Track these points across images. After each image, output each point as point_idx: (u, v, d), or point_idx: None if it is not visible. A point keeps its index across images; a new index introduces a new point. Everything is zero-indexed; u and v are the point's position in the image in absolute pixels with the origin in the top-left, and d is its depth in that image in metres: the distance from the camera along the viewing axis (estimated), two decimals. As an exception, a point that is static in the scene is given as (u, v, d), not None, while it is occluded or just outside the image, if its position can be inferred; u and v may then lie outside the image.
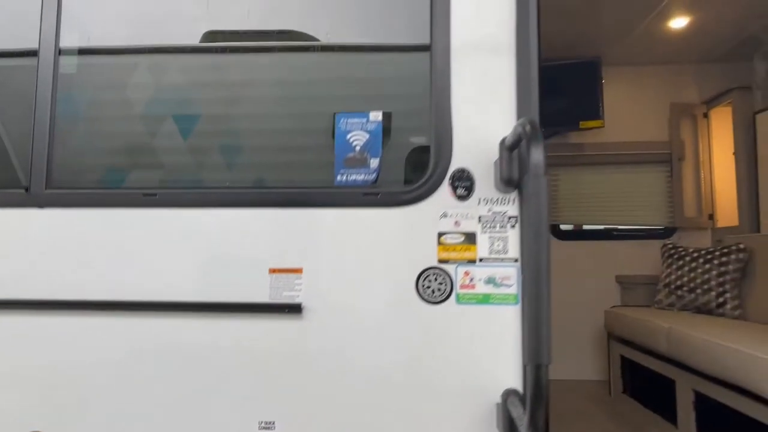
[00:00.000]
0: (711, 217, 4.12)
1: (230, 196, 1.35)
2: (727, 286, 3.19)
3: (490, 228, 1.29)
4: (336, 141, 1.34)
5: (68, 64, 1.50)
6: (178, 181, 1.53)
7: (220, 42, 1.61)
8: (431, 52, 1.38)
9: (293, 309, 1.28)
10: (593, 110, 4.06)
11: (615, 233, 4.25)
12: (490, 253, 1.29)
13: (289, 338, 1.29)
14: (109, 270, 1.36)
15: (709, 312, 3.26)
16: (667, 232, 4.20)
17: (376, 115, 1.35)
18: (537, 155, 1.04)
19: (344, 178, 1.34)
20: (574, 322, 4.17)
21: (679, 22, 3.56)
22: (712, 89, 4.25)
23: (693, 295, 3.30)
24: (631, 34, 3.74)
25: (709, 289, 3.23)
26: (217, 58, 1.63)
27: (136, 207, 1.35)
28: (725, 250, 3.29)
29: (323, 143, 1.41)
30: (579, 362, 4.14)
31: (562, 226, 4.31)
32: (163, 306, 1.32)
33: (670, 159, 4.15)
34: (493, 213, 1.30)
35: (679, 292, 3.37)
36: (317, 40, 1.78)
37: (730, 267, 3.21)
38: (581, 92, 4.10)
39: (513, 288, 1.28)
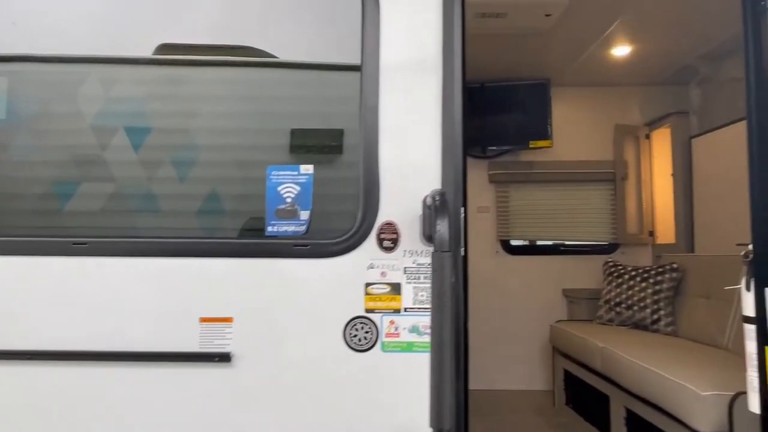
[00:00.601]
0: (651, 233, 4.34)
1: (161, 246, 1.38)
2: (661, 304, 3.38)
3: (414, 279, 1.36)
4: (267, 193, 1.37)
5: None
6: (107, 229, 1.54)
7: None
8: (362, 71, 1.42)
9: (223, 358, 1.32)
10: (542, 130, 4.21)
11: (562, 248, 4.42)
12: (414, 302, 1.35)
13: (219, 387, 1.33)
14: (35, 319, 1.36)
15: (645, 328, 3.44)
16: (611, 248, 4.39)
17: (307, 168, 1.39)
18: (442, 231, 1.09)
19: (275, 229, 1.38)
20: (524, 334, 4.32)
21: (621, 50, 3.73)
22: (654, 112, 4.47)
23: (630, 312, 3.48)
24: (579, 58, 3.90)
25: (645, 306, 3.41)
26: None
27: (63, 255, 1.35)
28: (660, 269, 3.48)
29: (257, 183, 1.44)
30: (528, 373, 4.29)
31: (513, 242, 4.45)
32: (90, 355, 1.33)
33: (614, 178, 4.34)
34: (418, 264, 1.36)
35: (618, 309, 3.54)
36: (274, 56, 1.81)
37: (664, 285, 3.40)
38: (531, 112, 4.24)
39: (435, 336, 1.35)
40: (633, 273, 3.58)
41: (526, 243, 4.49)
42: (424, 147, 1.44)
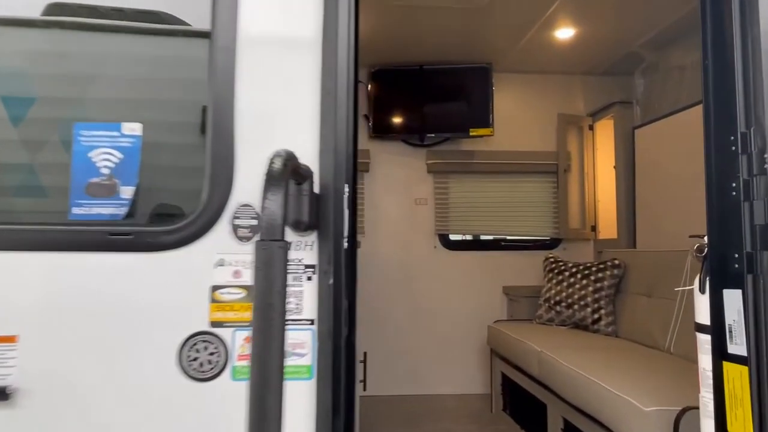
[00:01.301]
0: (593, 228, 4.16)
1: None
2: (602, 303, 3.17)
3: (279, 280, 1.00)
4: (73, 160, 0.98)
5: None
6: None
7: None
8: (212, 42, 1.07)
9: (-2, 395, 0.92)
10: (483, 117, 3.94)
11: (503, 243, 4.18)
12: (279, 313, 1.00)
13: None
14: None
15: (585, 328, 3.23)
16: (553, 243, 4.19)
17: (133, 128, 1.01)
18: (272, 210, 0.73)
19: (84, 211, 0.98)
20: (463, 334, 4.05)
21: (564, 33, 3.50)
22: (598, 102, 4.29)
23: (570, 311, 3.26)
24: (521, 41, 3.65)
25: (586, 305, 3.20)
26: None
27: None
28: (601, 266, 3.28)
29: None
30: (465, 376, 4.03)
31: (452, 236, 4.17)
32: None
33: (556, 170, 4.13)
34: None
35: (558, 308, 3.32)
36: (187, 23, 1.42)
37: (605, 283, 3.19)
38: (472, 98, 3.97)
39: (307, 358, 1.00)
40: (574, 270, 3.36)
41: (465, 238, 4.22)
42: (297, 119, 1.10)
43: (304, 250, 1.01)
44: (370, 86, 3.96)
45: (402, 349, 3.99)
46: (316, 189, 1.01)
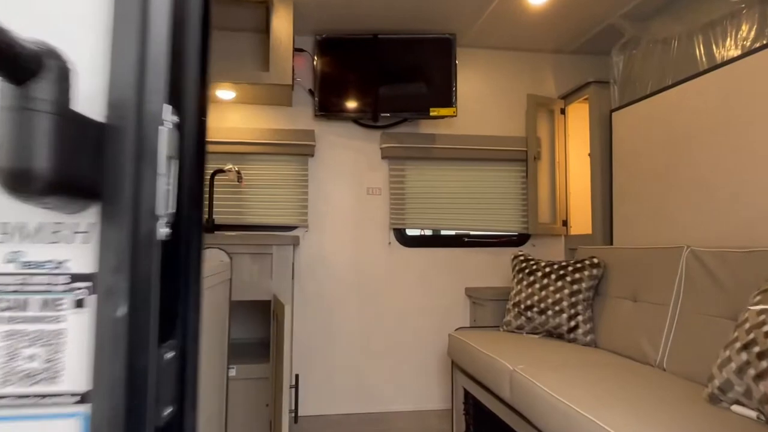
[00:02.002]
0: (565, 223, 3.76)
1: None
2: (579, 308, 2.74)
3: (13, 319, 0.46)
4: None
5: None
6: None
7: None
8: None
9: None
10: (445, 96, 3.45)
11: (467, 239, 3.71)
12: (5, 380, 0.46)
13: None
14: None
15: (560, 336, 2.80)
16: (521, 239, 3.76)
17: None
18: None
19: None
20: (419, 343, 3.57)
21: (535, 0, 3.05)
22: (571, 83, 3.89)
23: (543, 317, 2.82)
24: (488, 8, 3.18)
25: (561, 311, 2.76)
26: None
27: None
28: (578, 265, 2.85)
29: None
30: (422, 390, 3.55)
31: (409, 231, 3.67)
32: None
33: (525, 158, 3.70)
34: (24, 265, 0.47)
35: (529, 314, 2.87)
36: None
37: (584, 285, 2.77)
38: (433, 74, 3.48)
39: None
40: (547, 270, 2.92)
41: (424, 233, 3.73)
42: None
43: (63, 243, 0.47)
44: (315, 58, 3.41)
45: (349, 361, 3.47)
46: (92, 109, 0.47)
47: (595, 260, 2.83)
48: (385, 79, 3.43)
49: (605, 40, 3.64)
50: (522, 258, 3.09)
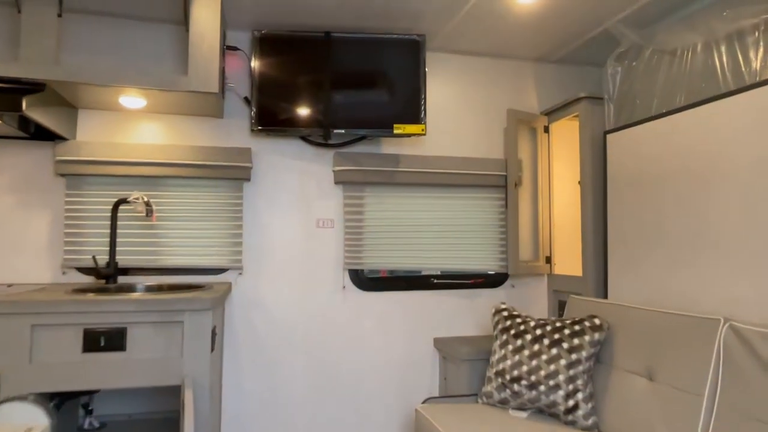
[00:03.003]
0: (548, 260, 3.23)
1: None
2: (579, 383, 2.20)
3: None
4: None
5: None
6: None
7: None
8: None
9: None
10: (412, 110, 2.85)
11: (436, 281, 3.12)
12: None
13: None
14: None
15: (555, 416, 2.25)
16: (499, 279, 3.21)
17: None
18: None
19: None
20: (381, 414, 2.96)
21: (527, -5, 2.50)
22: (555, 95, 3.38)
23: (534, 393, 2.26)
24: (464, 7, 2.60)
25: (557, 386, 2.21)
26: None
27: None
28: (576, 328, 2.31)
29: None
30: (383, 462, 2.94)
31: (368, 272, 3.05)
32: None
33: (505, 183, 3.15)
34: None
35: (516, 387, 2.31)
36: None
37: (584, 354, 2.23)
38: (398, 83, 2.87)
39: None
40: (538, 332, 2.36)
41: (385, 274, 3.11)
42: None
43: None
44: (253, 58, 2.73)
45: (293, 440, 2.82)
46: None
47: (597, 321, 2.29)
48: (339, 88, 2.80)
49: (597, 48, 3.13)
50: (506, 314, 2.52)
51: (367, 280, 3.01)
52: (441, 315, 3.08)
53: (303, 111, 2.76)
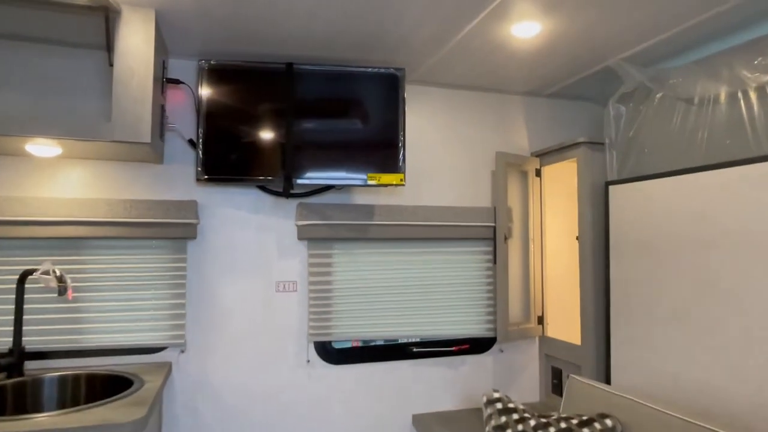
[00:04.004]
0: (541, 320, 2.88)
1: None
2: (590, 501, 1.83)
3: None
4: None
5: None
6: None
7: None
8: None
9: None
10: (389, 157, 2.44)
11: (415, 349, 2.72)
12: None
13: None
14: None
15: None
16: (486, 344, 2.83)
17: None
18: None
19: None
20: (350, 490, 2.54)
21: (526, 29, 2.12)
22: (548, 134, 3.03)
23: None
24: (452, 39, 2.21)
25: (563, 505, 1.84)
26: None
27: None
28: (584, 427, 1.94)
29: None
30: None
31: (336, 344, 2.62)
32: None
33: (493, 236, 2.78)
34: None
35: (514, 501, 1.93)
36: None
37: (595, 465, 1.86)
38: (372, 123, 2.45)
39: None
40: (540, 434, 1.99)
41: (357, 343, 2.69)
42: None
43: None
44: (200, 93, 2.27)
45: None
46: None
47: (609, 423, 1.93)
48: (303, 129, 2.36)
49: (595, 83, 2.80)
50: (500, 406, 2.14)
51: (335, 353, 2.58)
52: (421, 388, 2.68)
53: (260, 156, 2.32)
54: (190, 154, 2.39)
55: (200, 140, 2.27)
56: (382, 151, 2.43)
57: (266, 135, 2.33)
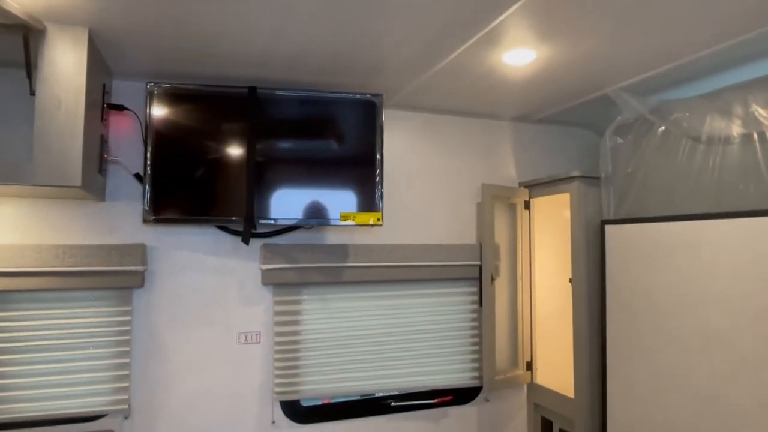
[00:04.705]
0: (529, 366, 2.65)
1: None
2: None
3: None
4: None
5: None
6: None
7: None
8: None
9: None
10: (365, 193, 2.18)
11: (393, 403, 2.47)
12: None
13: None
14: None
15: None
16: (470, 394, 2.59)
17: None
18: None
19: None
20: None
21: (520, 56, 1.88)
22: (537, 162, 2.81)
23: None
24: (438, 62, 1.96)
25: None
26: None
27: None
28: None
29: None
30: None
31: (305, 401, 2.35)
32: None
33: (479, 275, 2.55)
34: None
35: None
36: None
37: None
38: (346, 155, 2.19)
39: None
40: None
41: (329, 399, 2.42)
42: None
43: None
44: (151, 119, 1.97)
45: None
46: None
47: (614, 508, 1.70)
48: (268, 162, 2.09)
49: (589, 110, 2.58)
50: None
51: (304, 411, 2.31)
52: (399, 446, 2.43)
53: (219, 193, 2.03)
54: (137, 189, 2.08)
55: (148, 174, 1.97)
56: (358, 187, 2.17)
57: (226, 169, 2.04)
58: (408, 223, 2.49)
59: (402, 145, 2.52)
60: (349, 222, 2.13)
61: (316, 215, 2.12)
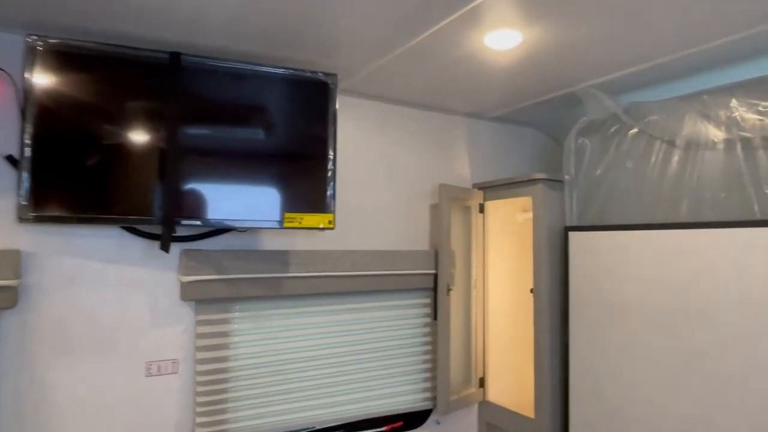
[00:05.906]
0: (482, 382, 2.45)
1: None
2: None
3: None
4: None
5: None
6: None
7: None
8: None
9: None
10: (315, 192, 1.83)
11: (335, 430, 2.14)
12: None
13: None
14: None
15: None
16: (419, 417, 2.33)
17: None
18: None
19: None
20: None
21: (504, 39, 1.64)
22: (492, 162, 2.62)
23: None
24: (404, 43, 1.66)
25: None
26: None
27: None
28: None
29: None
30: None
31: (233, 441, 1.94)
32: None
33: (434, 285, 2.29)
34: None
35: None
36: None
37: None
38: (291, 146, 1.82)
39: None
40: None
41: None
42: None
43: None
44: (32, 83, 1.47)
45: None
46: None
47: None
48: (192, 145, 1.66)
49: (549, 108, 2.43)
50: None
51: (232, 453, 1.90)
52: (343, 484, 2.10)
53: (125, 183, 1.57)
54: (9, 176, 1.56)
55: (27, 157, 1.47)
56: (305, 183, 1.81)
57: (137, 154, 1.59)
58: (357, 226, 2.17)
59: (352, 137, 2.19)
60: (296, 225, 1.77)
61: (253, 216, 1.73)
